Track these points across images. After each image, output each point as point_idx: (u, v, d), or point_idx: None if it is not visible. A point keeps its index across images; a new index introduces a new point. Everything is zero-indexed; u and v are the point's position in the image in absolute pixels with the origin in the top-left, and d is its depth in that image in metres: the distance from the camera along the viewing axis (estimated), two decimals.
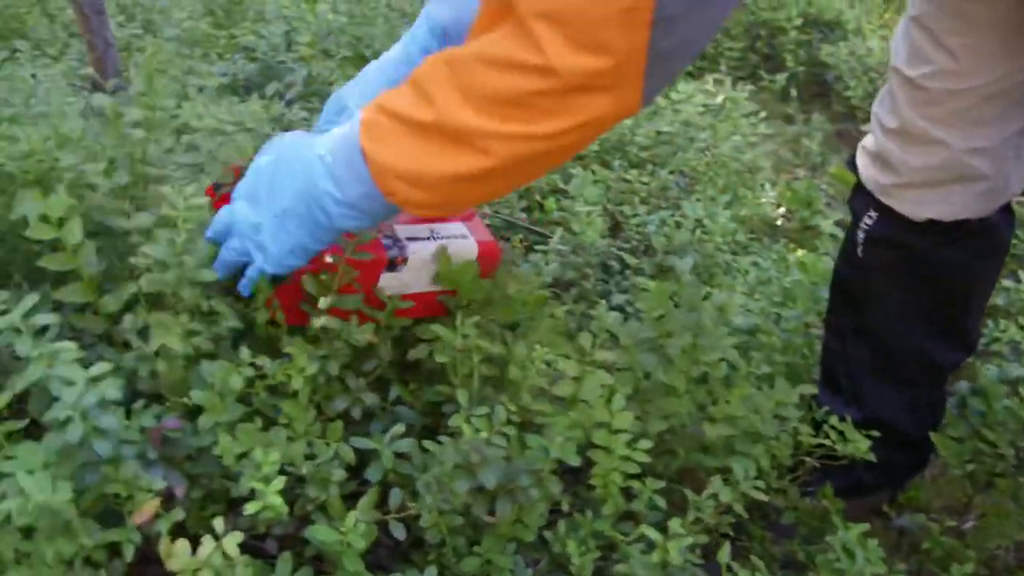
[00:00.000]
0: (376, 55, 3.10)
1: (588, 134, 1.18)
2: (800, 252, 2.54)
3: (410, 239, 1.48)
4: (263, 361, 1.36)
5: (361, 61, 3.06)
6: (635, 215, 2.55)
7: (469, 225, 1.58)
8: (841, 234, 2.85)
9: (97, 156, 1.58)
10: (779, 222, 2.96)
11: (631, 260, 2.36)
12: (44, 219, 1.33)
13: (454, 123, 1.14)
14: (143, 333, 1.40)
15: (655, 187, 2.66)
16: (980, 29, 1.53)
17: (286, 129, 2.25)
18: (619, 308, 2.21)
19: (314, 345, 1.43)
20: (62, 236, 1.35)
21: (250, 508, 1.22)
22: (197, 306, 1.43)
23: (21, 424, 1.27)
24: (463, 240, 1.53)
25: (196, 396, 1.32)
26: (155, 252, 1.39)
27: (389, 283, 1.47)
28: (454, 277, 1.52)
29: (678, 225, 2.46)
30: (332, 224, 1.29)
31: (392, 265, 1.45)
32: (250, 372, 1.35)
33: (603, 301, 2.05)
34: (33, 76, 1.78)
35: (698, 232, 2.45)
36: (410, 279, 1.48)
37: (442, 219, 1.55)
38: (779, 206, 2.97)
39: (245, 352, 1.37)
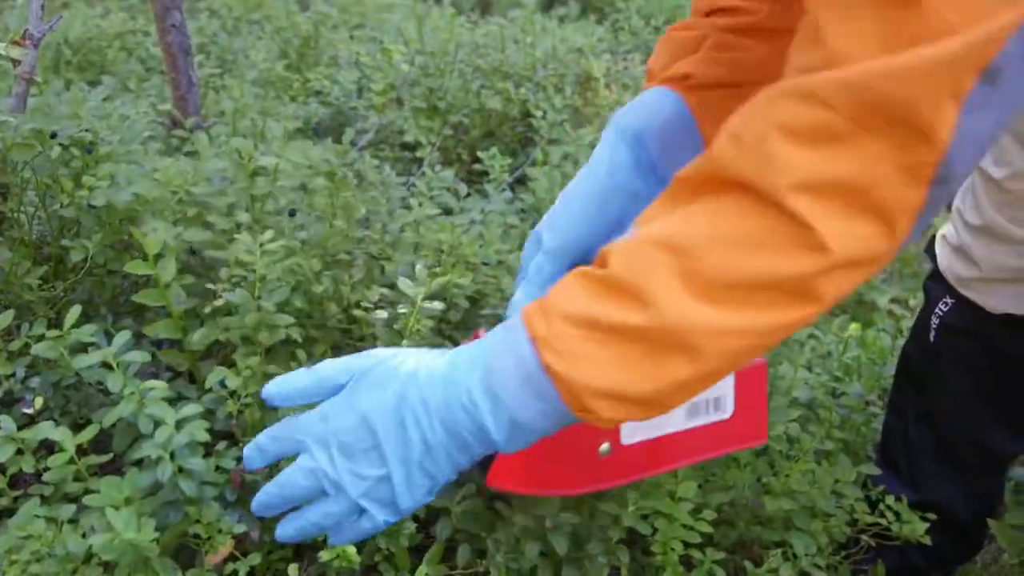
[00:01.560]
0: (449, 108, 3.17)
1: (821, 313, 1.01)
2: (855, 325, 2.51)
3: None
4: None
5: (433, 112, 3.10)
6: None
7: None
8: (898, 311, 2.84)
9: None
10: None
11: None
12: (142, 255, 1.35)
13: (678, 321, 0.96)
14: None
15: None
16: None
17: (358, 176, 2.28)
18: None
19: None
20: (156, 273, 1.37)
21: (325, 556, 1.22)
22: (275, 348, 1.44)
23: (106, 458, 1.28)
24: None
25: None
26: (235, 297, 1.41)
27: (631, 429, 1.24)
28: None
29: None
30: (493, 450, 1.09)
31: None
32: None
33: None
34: (123, 115, 1.81)
35: None
36: (656, 420, 1.23)
37: None
38: None
39: None
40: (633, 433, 1.22)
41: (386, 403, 1.07)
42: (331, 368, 1.13)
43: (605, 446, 1.20)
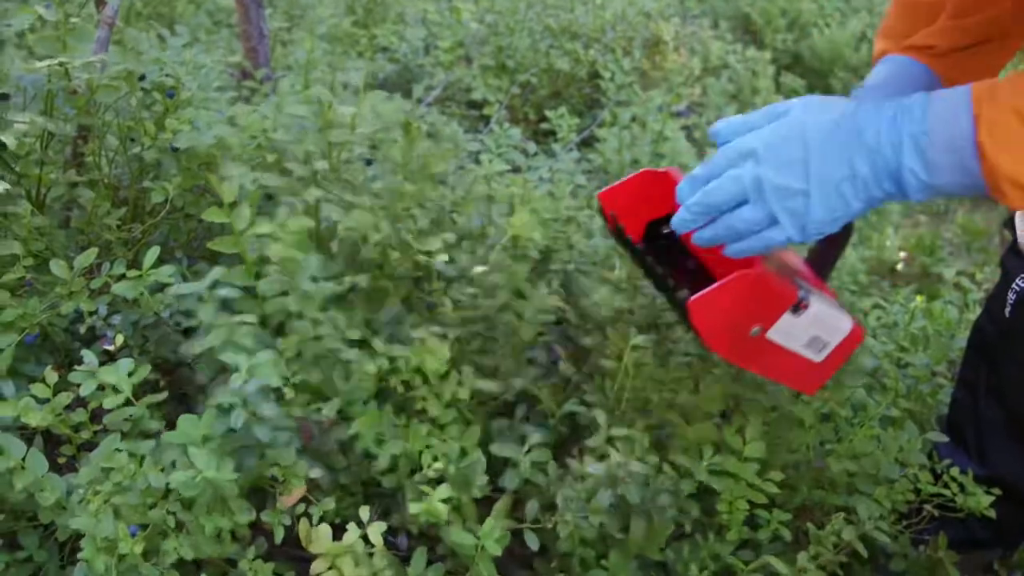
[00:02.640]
0: (518, 67, 3.15)
1: None
2: (920, 297, 2.48)
3: (809, 291, 1.38)
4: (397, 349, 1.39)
5: (501, 71, 3.08)
6: None
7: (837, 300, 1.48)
8: (965, 284, 2.79)
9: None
10: (899, 266, 2.90)
11: None
12: (218, 204, 1.36)
13: None
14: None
15: None
16: None
17: (429, 133, 2.27)
18: None
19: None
20: (231, 220, 1.37)
21: (415, 508, 1.23)
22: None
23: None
24: (842, 315, 1.43)
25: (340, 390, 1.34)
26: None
27: (781, 327, 1.36)
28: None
29: None
30: (902, 197, 1.20)
31: (796, 307, 1.35)
32: (384, 363, 1.37)
33: None
34: (197, 64, 1.81)
35: None
36: (795, 332, 1.38)
37: (820, 285, 1.47)
38: (901, 250, 2.91)
39: (378, 344, 1.39)
40: (776, 333, 1.36)
41: (826, 123, 1.19)
42: (778, 104, 1.26)
43: (756, 329, 1.33)
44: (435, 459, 1.33)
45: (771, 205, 1.21)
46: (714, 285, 1.26)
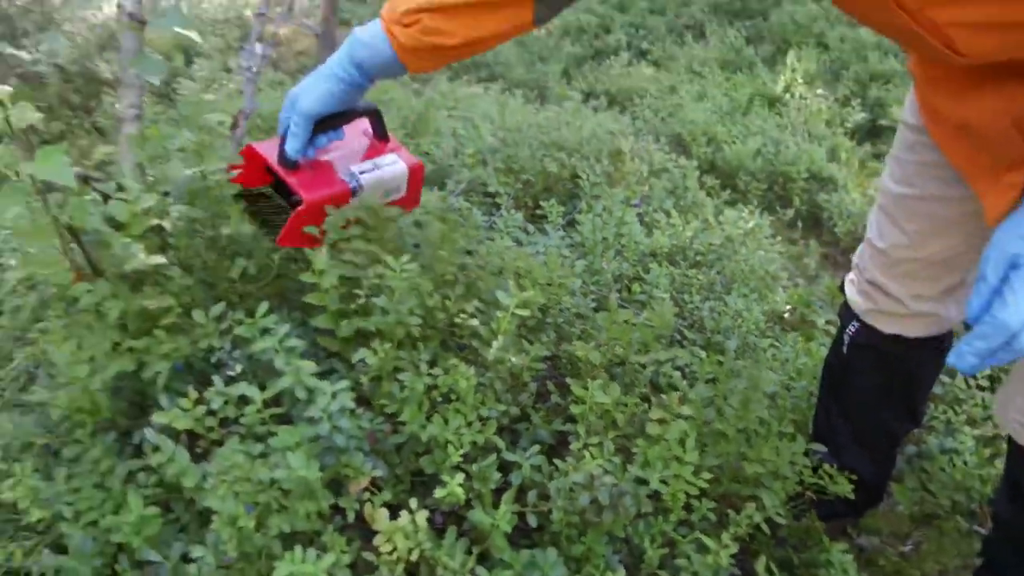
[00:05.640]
0: (521, 169, 3.13)
1: None
2: (802, 340, 2.47)
3: (362, 172, 1.49)
4: (438, 371, 1.36)
5: (509, 171, 3.06)
6: (691, 302, 2.49)
7: (400, 153, 1.58)
8: (832, 330, 2.76)
9: None
10: (786, 315, 2.88)
11: (689, 335, 2.30)
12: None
13: None
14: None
15: (706, 282, 2.59)
16: (929, 220, 1.49)
17: (461, 218, 2.24)
18: (680, 369, 2.15)
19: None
20: (320, 281, 1.35)
21: (439, 493, 1.19)
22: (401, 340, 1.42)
23: (281, 409, 1.26)
24: (396, 165, 1.54)
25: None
26: (380, 301, 1.39)
27: (364, 201, 1.47)
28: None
29: (725, 314, 2.40)
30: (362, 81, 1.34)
31: (354, 194, 1.48)
32: (429, 380, 1.34)
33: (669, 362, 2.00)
34: None
35: (737, 320, 2.38)
36: (373, 197, 1.48)
37: (379, 153, 1.55)
38: (787, 304, 2.89)
39: (424, 366, 1.36)
40: (368, 199, 1.47)
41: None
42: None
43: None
44: (460, 446, 1.29)
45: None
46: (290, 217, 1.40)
